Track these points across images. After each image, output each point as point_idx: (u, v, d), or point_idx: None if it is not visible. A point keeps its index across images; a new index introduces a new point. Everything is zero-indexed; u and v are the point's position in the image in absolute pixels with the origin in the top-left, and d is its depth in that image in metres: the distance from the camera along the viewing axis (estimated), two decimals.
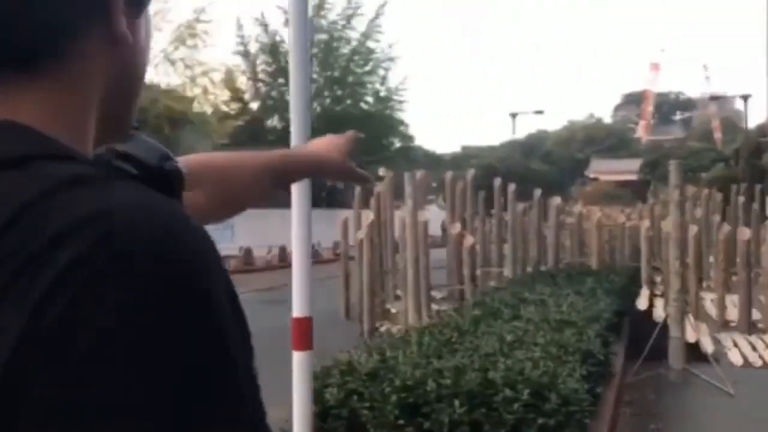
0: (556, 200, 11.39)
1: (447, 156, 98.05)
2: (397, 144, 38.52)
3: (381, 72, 33.97)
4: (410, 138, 44.42)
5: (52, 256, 0.43)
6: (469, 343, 4.44)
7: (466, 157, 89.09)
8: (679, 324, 7.21)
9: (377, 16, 33.07)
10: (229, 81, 29.23)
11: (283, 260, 24.55)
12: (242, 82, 32.59)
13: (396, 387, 3.56)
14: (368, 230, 9.41)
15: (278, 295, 17.13)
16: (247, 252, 22.67)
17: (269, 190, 1.06)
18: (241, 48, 32.92)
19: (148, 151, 0.55)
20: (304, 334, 2.39)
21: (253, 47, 33.42)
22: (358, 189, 13.28)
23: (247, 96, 33.27)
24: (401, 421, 3.35)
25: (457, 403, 3.36)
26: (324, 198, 38.26)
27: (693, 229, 10.14)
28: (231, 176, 1.01)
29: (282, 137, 33.78)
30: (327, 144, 1.19)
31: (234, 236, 26.87)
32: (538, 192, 12.11)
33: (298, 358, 2.40)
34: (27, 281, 0.42)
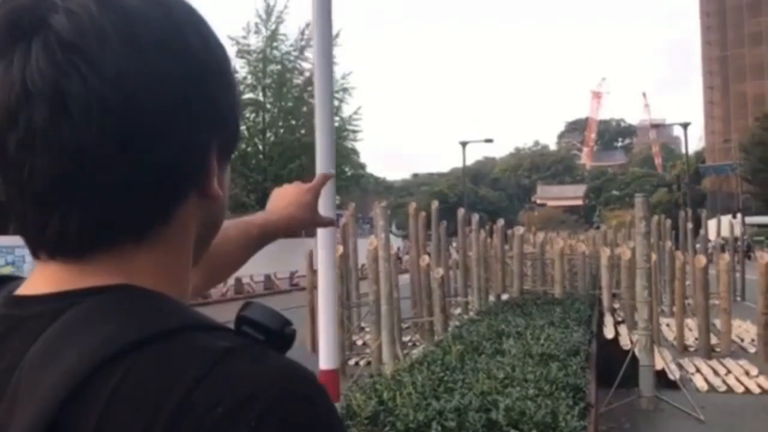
0: (520, 230, 11.57)
1: (397, 183, 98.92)
2: (349, 172, 38.64)
3: (335, 102, 34.09)
4: (362, 166, 44.61)
5: (234, 427, 0.51)
6: (462, 382, 4.44)
7: (416, 183, 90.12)
8: (648, 352, 7.37)
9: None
10: None
11: (239, 292, 24.18)
12: None
13: (399, 431, 3.53)
14: (338, 262, 9.36)
15: None
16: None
17: (251, 255, 1.23)
18: None
19: (269, 317, 0.61)
20: (332, 387, 2.36)
21: None
22: None
23: None
24: None
25: None
26: None
27: (653, 257, 10.40)
28: (221, 252, 1.10)
29: (235, 167, 33.51)
30: (293, 198, 1.29)
31: None
32: (500, 222, 12.27)
33: None
34: None
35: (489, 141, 44.34)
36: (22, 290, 0.62)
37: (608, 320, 10.12)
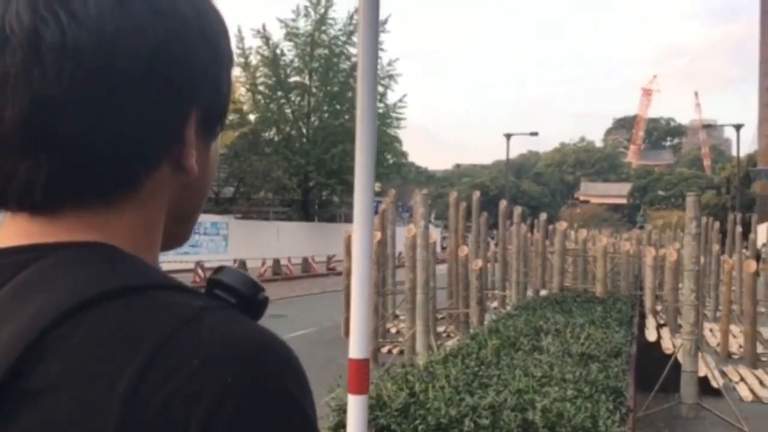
0: (563, 225, 11.29)
1: (439, 173, 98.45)
2: (391, 160, 38.51)
3: (380, 89, 33.89)
4: (404, 154, 44.45)
5: (206, 382, 0.50)
6: (498, 378, 4.28)
7: (458, 174, 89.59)
8: (693, 358, 7.09)
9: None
10: None
11: (277, 273, 24.30)
12: (241, 93, 32.42)
13: (430, 425, 3.40)
14: (375, 248, 9.25)
15: (273, 309, 16.99)
16: (242, 264, 22.43)
17: None
18: (241, 60, 32.79)
19: (241, 281, 0.60)
20: (362, 376, 2.24)
21: (254, 59, 33.34)
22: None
23: (245, 107, 33.10)
24: None
25: None
26: (316, 211, 38.12)
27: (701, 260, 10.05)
28: None
29: (278, 149, 33.66)
30: None
31: (228, 247, 26.63)
32: (543, 216, 12.01)
33: (354, 402, 2.24)
34: (187, 402, 0.49)
35: (534, 134, 43.75)
36: None
37: (650, 322, 9.82)
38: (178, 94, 0.60)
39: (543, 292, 11.26)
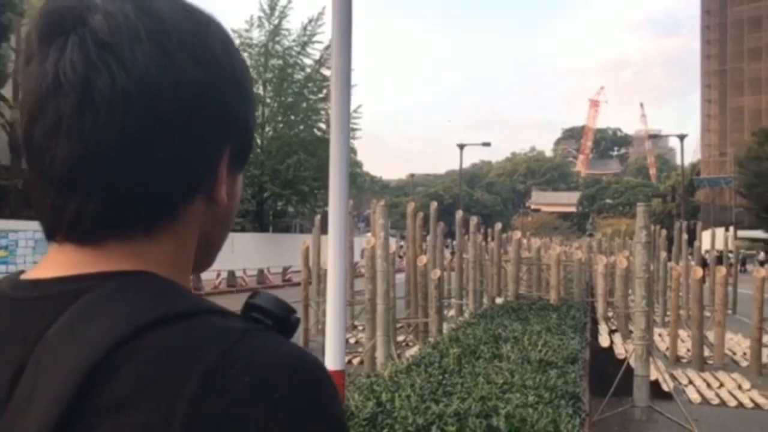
0: (517, 234, 11.52)
1: (393, 182, 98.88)
2: None
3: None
4: (358, 164, 44.55)
5: (257, 398, 0.55)
6: (461, 386, 4.38)
7: (413, 184, 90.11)
8: (645, 362, 7.33)
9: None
10: None
11: (232, 285, 24.07)
12: None
13: None
14: None
15: None
16: (196, 276, 22.15)
17: None
18: None
19: (276, 305, 0.65)
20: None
21: None
22: (318, 216, 13.20)
23: None
24: None
25: None
26: (271, 222, 37.86)
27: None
28: None
29: None
30: None
31: None
32: (498, 226, 12.22)
33: None
34: (242, 417, 0.55)
35: (486, 144, 44.36)
36: (35, 273, 0.65)
37: (603, 328, 10.09)
38: (214, 134, 0.66)
39: (499, 300, 11.46)
